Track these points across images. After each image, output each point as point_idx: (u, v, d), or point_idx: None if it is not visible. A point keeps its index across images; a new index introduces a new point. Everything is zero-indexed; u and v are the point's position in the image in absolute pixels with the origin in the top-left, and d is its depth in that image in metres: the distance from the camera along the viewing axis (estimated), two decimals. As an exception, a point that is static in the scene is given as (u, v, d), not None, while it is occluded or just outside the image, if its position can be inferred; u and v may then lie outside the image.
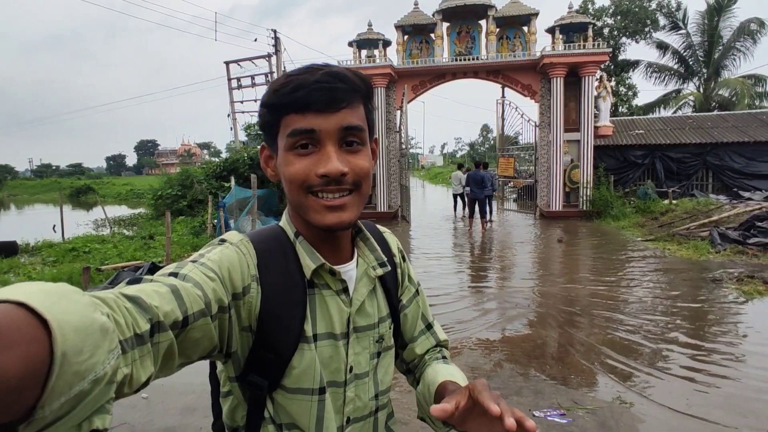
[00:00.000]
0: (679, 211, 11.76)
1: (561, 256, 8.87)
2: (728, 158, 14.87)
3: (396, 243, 0.95)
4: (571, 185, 14.10)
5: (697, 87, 22.95)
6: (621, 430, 2.98)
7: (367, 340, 0.81)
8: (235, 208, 10.20)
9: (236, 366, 0.73)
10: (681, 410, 3.21)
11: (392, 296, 0.88)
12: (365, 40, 14.90)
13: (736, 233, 8.54)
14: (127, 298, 0.49)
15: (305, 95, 0.69)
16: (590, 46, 13.43)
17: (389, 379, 0.87)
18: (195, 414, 3.39)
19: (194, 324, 0.58)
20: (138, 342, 0.48)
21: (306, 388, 0.74)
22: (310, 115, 0.69)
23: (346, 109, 0.71)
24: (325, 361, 0.76)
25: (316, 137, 0.70)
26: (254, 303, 0.71)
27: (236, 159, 15.01)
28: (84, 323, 0.38)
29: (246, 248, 0.73)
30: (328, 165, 0.70)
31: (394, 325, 0.88)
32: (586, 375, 3.81)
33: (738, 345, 4.36)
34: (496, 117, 16.46)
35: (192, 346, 0.60)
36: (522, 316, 5.38)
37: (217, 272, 0.65)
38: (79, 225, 15.86)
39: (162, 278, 0.59)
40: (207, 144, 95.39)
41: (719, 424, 3.01)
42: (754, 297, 5.67)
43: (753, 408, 3.22)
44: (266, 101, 0.73)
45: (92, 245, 10.05)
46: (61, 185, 43.31)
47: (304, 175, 0.71)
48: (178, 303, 0.56)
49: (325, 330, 0.76)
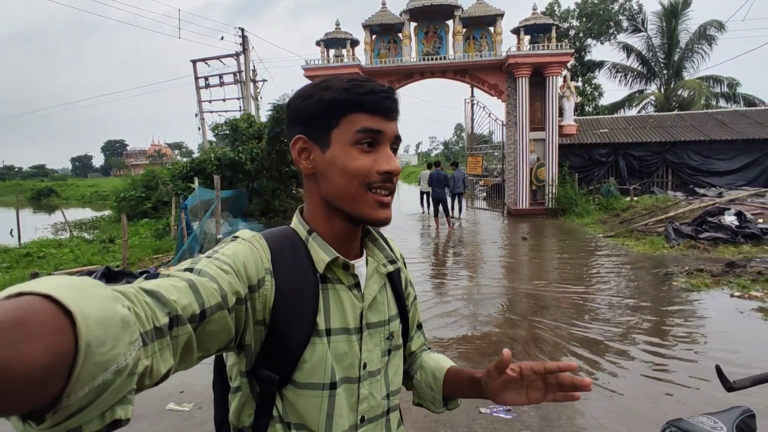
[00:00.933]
0: (639, 207, 12.14)
1: (524, 253, 9.04)
2: (686, 156, 15.44)
3: (398, 250, 0.98)
4: (538, 183, 14.38)
5: (659, 87, 23.75)
6: (562, 423, 3.05)
7: (379, 337, 0.84)
8: (199, 209, 9.99)
9: (248, 360, 0.74)
10: (624, 402, 3.31)
11: (401, 296, 0.92)
12: (333, 40, 14.83)
13: (689, 228, 8.86)
14: (146, 293, 0.51)
15: (378, 99, 0.77)
16: (554, 47, 13.72)
17: (399, 380, 0.89)
18: (142, 421, 3.31)
19: (212, 317, 0.59)
20: (158, 335, 0.49)
21: (317, 383, 0.75)
22: (378, 118, 0.77)
23: (396, 120, 0.81)
24: (338, 356, 0.77)
25: (380, 138, 0.78)
26: (268, 296, 0.72)
27: (203, 159, 14.72)
28: (106, 315, 0.40)
29: (259, 243, 0.76)
30: (391, 163, 0.78)
31: (403, 326, 0.91)
32: (535, 370, 3.88)
33: (683, 338, 4.52)
34: (465, 116, 16.65)
35: (210, 339, 0.61)
36: (481, 314, 5.45)
37: (231, 265, 0.67)
38: (37, 229, 15.30)
39: (179, 273, 0.61)
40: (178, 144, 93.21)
41: (661, 411, 3.12)
42: (701, 290, 5.89)
43: (692, 396, 3.34)
44: (334, 96, 0.77)
45: (48, 250, 9.71)
46: (22, 187, 41.68)
47: (368, 170, 0.77)
48: (195, 297, 0.57)
49: (340, 324, 0.78)
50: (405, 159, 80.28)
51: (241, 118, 15.73)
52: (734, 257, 7.25)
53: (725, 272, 6.46)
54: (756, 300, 5.39)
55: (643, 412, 3.16)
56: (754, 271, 6.41)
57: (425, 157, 68.05)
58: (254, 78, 20.91)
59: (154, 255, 9.23)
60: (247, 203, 14.77)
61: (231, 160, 14.02)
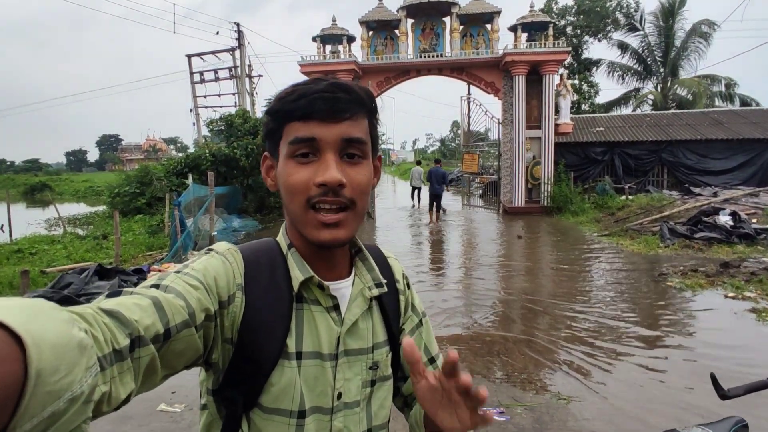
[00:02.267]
0: (634, 206, 12.15)
1: (519, 252, 9.03)
2: (682, 155, 15.45)
3: (401, 270, 0.91)
4: (533, 181, 14.37)
5: (655, 86, 23.76)
6: (554, 426, 3.04)
7: (359, 366, 0.77)
8: (193, 206, 9.91)
9: (215, 378, 0.71)
10: (616, 404, 3.30)
11: (391, 322, 0.83)
12: (329, 36, 14.74)
13: (684, 228, 8.88)
14: (106, 313, 0.48)
15: (308, 103, 0.69)
16: (551, 45, 13.68)
17: (385, 413, 0.81)
18: (130, 422, 3.27)
19: (177, 336, 0.57)
20: (117, 358, 0.47)
21: (284, 409, 0.70)
22: (312, 123, 0.69)
23: (348, 120, 0.71)
24: (309, 382, 0.72)
25: (317, 146, 0.70)
26: (237, 313, 0.69)
27: (198, 155, 14.62)
28: (61, 340, 0.37)
29: (233, 257, 0.72)
30: (326, 174, 0.69)
31: (393, 355, 0.83)
32: (529, 372, 3.87)
33: (678, 339, 4.52)
34: (461, 114, 16.60)
35: (176, 357, 0.58)
36: (474, 313, 5.44)
37: (201, 280, 0.64)
38: (30, 224, 15.17)
39: (143, 290, 0.58)
40: (173, 139, 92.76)
41: (653, 413, 3.11)
42: (696, 290, 5.90)
43: (684, 399, 3.34)
44: (270, 109, 0.74)
45: (40, 246, 9.61)
46: (15, 182, 41.33)
47: (304, 185, 0.70)
48: (159, 315, 0.54)
49: (312, 348, 0.73)
50: (402, 155, 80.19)
51: (237, 114, 15.63)
52: (728, 257, 7.26)
53: (719, 272, 6.47)
54: (749, 301, 5.40)
55: (636, 415, 3.15)
56: (747, 271, 6.42)
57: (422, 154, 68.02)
58: (250, 73, 20.79)
59: (148, 252, 9.15)
60: (242, 200, 14.69)
61: (226, 156, 13.94)
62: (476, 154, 16.33)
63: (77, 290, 5.64)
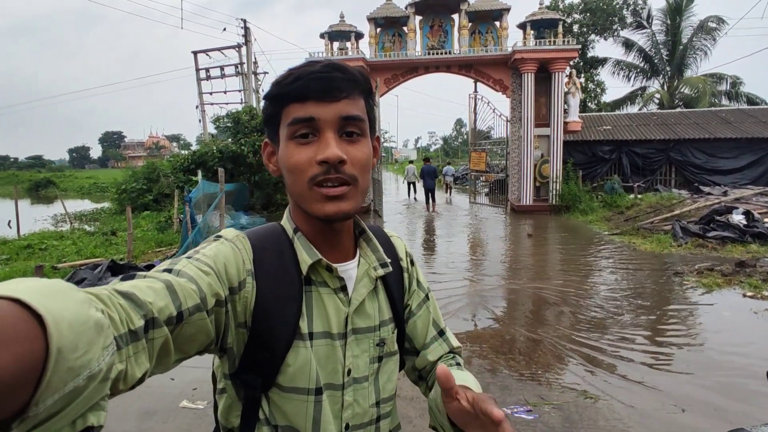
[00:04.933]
0: (643, 205, 12.09)
1: (530, 251, 8.99)
2: (690, 154, 15.38)
3: (404, 247, 0.94)
4: (541, 180, 14.31)
5: (662, 85, 23.64)
6: (584, 424, 3.00)
7: (367, 343, 0.80)
8: (203, 202, 9.89)
9: (231, 363, 0.73)
10: (645, 404, 3.26)
11: (396, 300, 0.86)
12: (337, 32, 14.68)
13: (696, 227, 8.82)
14: (121, 295, 0.49)
15: (304, 84, 0.70)
16: (560, 43, 13.61)
17: (392, 386, 0.84)
18: (153, 418, 3.25)
19: (189, 319, 0.58)
20: (132, 338, 0.48)
21: (302, 387, 0.73)
22: (309, 104, 0.70)
23: (345, 99, 0.72)
24: (321, 361, 0.74)
25: (316, 126, 0.71)
26: (249, 298, 0.70)
27: (205, 152, 14.60)
28: (79, 319, 0.38)
29: (242, 244, 0.73)
30: (327, 151, 0.70)
31: (399, 331, 0.86)
32: (553, 370, 3.84)
33: (700, 338, 4.48)
34: (469, 111, 16.54)
35: (188, 341, 0.59)
36: (491, 311, 5.40)
37: (212, 266, 0.65)
38: (37, 221, 15.16)
39: (156, 274, 0.59)
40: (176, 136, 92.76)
41: (685, 415, 3.07)
42: (713, 289, 5.85)
43: (712, 402, 3.30)
44: (268, 93, 0.75)
45: (49, 242, 9.60)
46: (19, 178, 41.37)
47: (306, 164, 0.71)
48: (172, 298, 0.55)
49: (322, 329, 0.75)
50: (404, 153, 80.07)
51: (243, 111, 15.59)
52: (743, 256, 7.21)
53: (736, 272, 6.42)
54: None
55: (667, 415, 3.12)
56: (764, 270, 6.37)
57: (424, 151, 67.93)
58: (255, 70, 20.72)
59: (157, 248, 9.13)
60: (248, 197, 14.67)
61: (233, 152, 13.92)
62: (484, 152, 16.28)
63: (91, 286, 5.63)
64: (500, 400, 3.32)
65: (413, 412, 3.20)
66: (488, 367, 3.88)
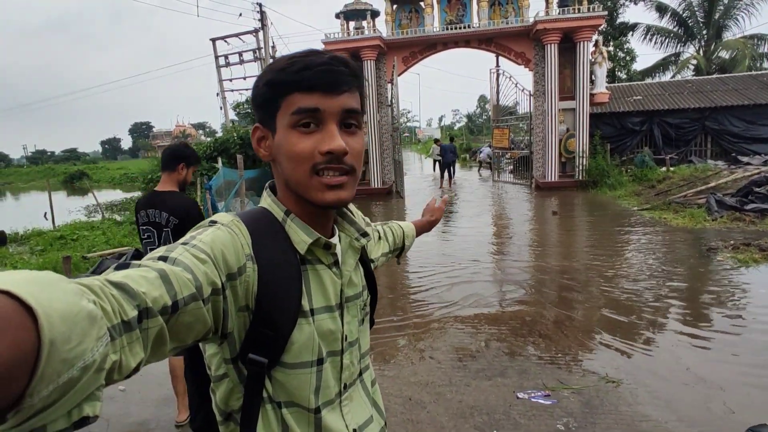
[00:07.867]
0: (676, 178, 11.57)
1: (555, 228, 8.74)
2: (727, 122, 14.57)
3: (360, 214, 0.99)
4: (567, 155, 13.85)
5: (697, 50, 22.37)
6: (605, 410, 2.89)
7: (356, 308, 0.86)
8: (224, 189, 10.00)
9: (232, 347, 0.73)
10: (670, 388, 3.12)
11: (368, 266, 0.94)
12: (353, 11, 14.40)
13: (733, 200, 8.37)
14: (114, 285, 0.49)
15: (313, 75, 0.72)
16: (585, 10, 12.96)
17: (368, 341, 0.93)
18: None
19: (185, 308, 0.57)
20: (126, 329, 0.48)
21: (306, 361, 0.76)
22: (316, 95, 0.72)
23: (347, 93, 0.75)
24: (324, 333, 0.78)
25: (320, 117, 0.73)
26: (251, 282, 0.71)
27: (226, 139, 14.71)
28: (71, 311, 0.38)
29: (238, 228, 0.73)
30: (332, 143, 0.72)
31: (371, 296, 0.94)
32: (574, 353, 3.71)
33: (733, 319, 4.25)
34: (490, 87, 16.09)
35: (184, 330, 0.59)
36: (512, 291, 5.27)
37: (209, 254, 0.65)
38: (71, 212, 15.71)
39: (150, 263, 0.58)
40: (202, 124, 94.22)
41: (714, 399, 2.92)
42: (750, 265, 5.55)
43: (751, 382, 3.12)
44: (270, 79, 0.75)
45: (81, 232, 9.90)
46: (55, 171, 42.98)
47: (309, 153, 0.73)
48: (166, 288, 0.55)
49: (323, 303, 0.79)
50: (428, 133, 79.06)
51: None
52: (784, 229, 6.81)
53: (775, 246, 6.06)
54: (811, 276, 5.03)
55: (695, 400, 2.97)
56: (807, 244, 5.99)
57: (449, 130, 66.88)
58: (273, 54, 20.63)
59: (182, 236, 9.30)
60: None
61: (254, 138, 13.94)
62: (506, 129, 15.85)
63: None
64: (518, 385, 3.24)
65: (428, 397, 3.15)
66: (506, 351, 3.78)
